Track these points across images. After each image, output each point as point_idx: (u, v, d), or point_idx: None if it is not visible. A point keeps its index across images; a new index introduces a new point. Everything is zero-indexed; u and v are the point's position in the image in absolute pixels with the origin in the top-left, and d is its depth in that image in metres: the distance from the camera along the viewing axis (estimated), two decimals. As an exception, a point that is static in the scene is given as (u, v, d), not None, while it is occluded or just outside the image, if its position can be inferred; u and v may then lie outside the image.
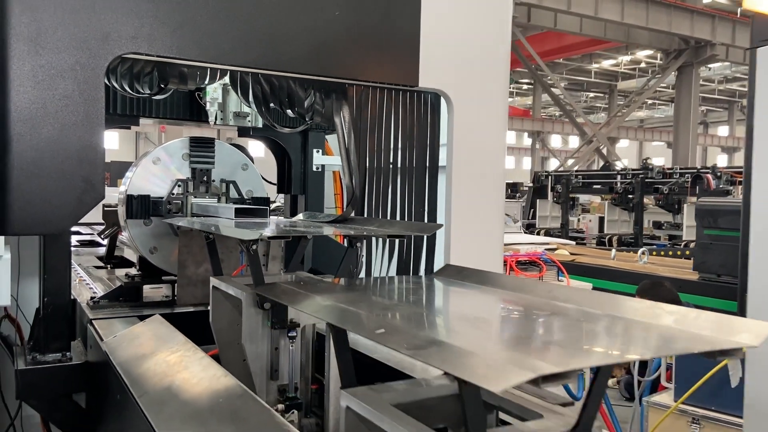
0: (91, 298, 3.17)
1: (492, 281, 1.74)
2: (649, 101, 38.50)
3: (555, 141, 43.84)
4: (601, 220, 13.84)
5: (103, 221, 4.49)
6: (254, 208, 2.78)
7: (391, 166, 2.57)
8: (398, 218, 2.61)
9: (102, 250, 4.94)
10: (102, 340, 2.51)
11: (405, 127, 2.61)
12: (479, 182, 2.75)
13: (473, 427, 1.06)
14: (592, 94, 39.78)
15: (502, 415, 1.43)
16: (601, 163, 21.87)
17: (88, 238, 6.15)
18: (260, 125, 3.30)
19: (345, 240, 2.17)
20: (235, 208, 2.64)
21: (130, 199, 2.98)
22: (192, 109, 3.15)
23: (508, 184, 24.96)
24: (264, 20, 2.22)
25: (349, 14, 2.37)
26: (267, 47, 2.23)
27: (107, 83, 2.30)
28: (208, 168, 3.15)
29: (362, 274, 2.63)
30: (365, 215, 2.50)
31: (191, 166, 3.14)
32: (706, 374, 2.71)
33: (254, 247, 1.92)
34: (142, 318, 2.80)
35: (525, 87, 37.34)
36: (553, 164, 36.81)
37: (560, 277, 4.11)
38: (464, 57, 2.64)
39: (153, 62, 2.18)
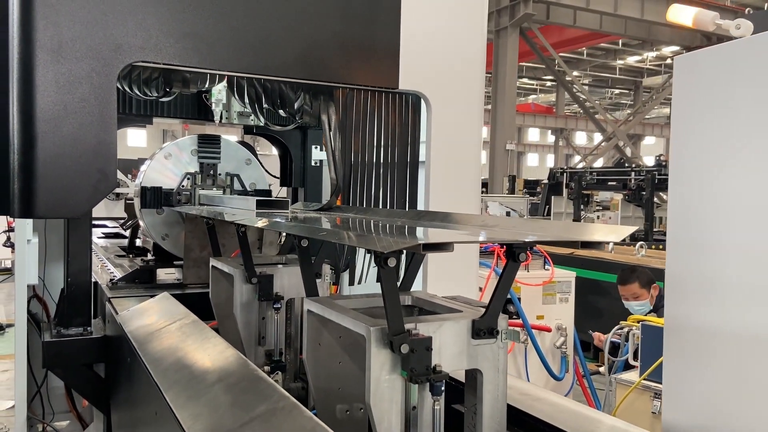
0: (110, 279, 3.51)
1: (441, 218, 2.01)
2: (675, 97, 37.89)
3: (580, 138, 43.53)
4: (618, 216, 13.91)
5: (125, 214, 4.85)
6: (276, 200, 2.74)
7: (374, 161, 2.84)
8: (381, 207, 2.88)
9: (126, 242, 5.29)
10: (117, 314, 2.84)
11: (387, 125, 2.88)
12: (456, 175, 3.01)
13: (389, 304, 1.34)
14: (617, 91, 39.43)
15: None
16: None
17: (114, 230, 6.55)
18: (262, 123, 3.61)
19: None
20: (257, 200, 2.63)
21: (144, 191, 3.31)
22: (200, 109, 3.47)
23: (528, 181, 25.01)
24: (257, 30, 2.51)
25: (334, 23, 2.65)
26: (259, 54, 2.53)
27: (120, 87, 2.62)
28: (215, 163, 3.47)
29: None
30: (350, 205, 2.78)
31: (199, 160, 3.47)
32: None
33: (243, 230, 2.23)
34: (154, 297, 3.13)
35: (548, 84, 37.18)
36: (576, 161, 36.60)
37: (546, 267, 4.36)
38: (441, 61, 2.90)
39: (159, 69, 2.49)
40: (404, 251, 1.57)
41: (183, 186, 3.38)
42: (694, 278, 1.88)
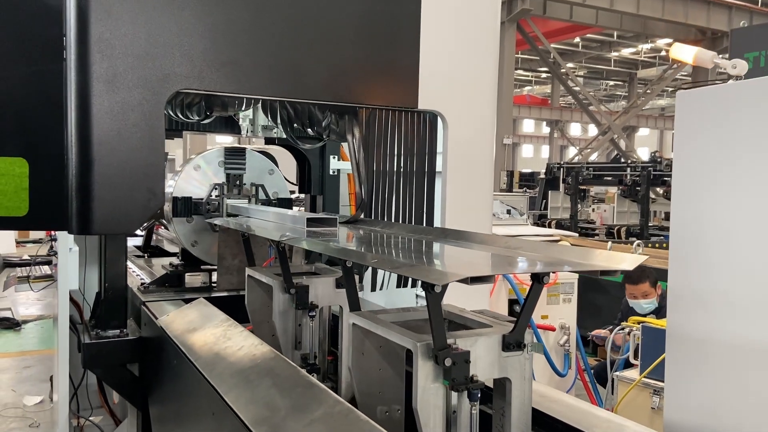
0: (142, 283, 3.72)
1: (465, 237, 2.23)
2: (670, 89, 38.33)
3: (574, 129, 43.79)
4: (613, 210, 14.21)
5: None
6: (326, 218, 2.72)
7: (395, 175, 3.06)
8: (401, 218, 3.10)
9: (133, 240, 5.40)
10: (156, 318, 3.05)
11: (407, 141, 3.09)
12: (470, 186, 3.23)
13: (435, 323, 1.55)
14: (612, 83, 39.68)
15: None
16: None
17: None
18: (284, 136, 3.82)
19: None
20: (308, 218, 2.64)
21: (175, 201, 3.52)
22: (226, 123, 3.67)
23: (524, 174, 25.22)
24: (289, 58, 2.72)
25: (359, 50, 2.86)
26: (291, 80, 2.74)
27: (165, 112, 2.82)
28: (240, 173, 3.67)
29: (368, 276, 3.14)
30: (373, 217, 3.00)
31: (226, 171, 3.67)
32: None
33: (282, 246, 2.44)
34: (186, 300, 3.34)
35: (544, 75, 37.37)
36: (571, 153, 36.88)
37: (550, 268, 4.56)
38: (457, 82, 3.11)
39: (201, 95, 2.69)
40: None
41: (211, 196, 3.59)
42: (693, 292, 2.11)
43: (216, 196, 3.61)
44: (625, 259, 1.62)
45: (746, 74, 2.31)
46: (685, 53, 2.23)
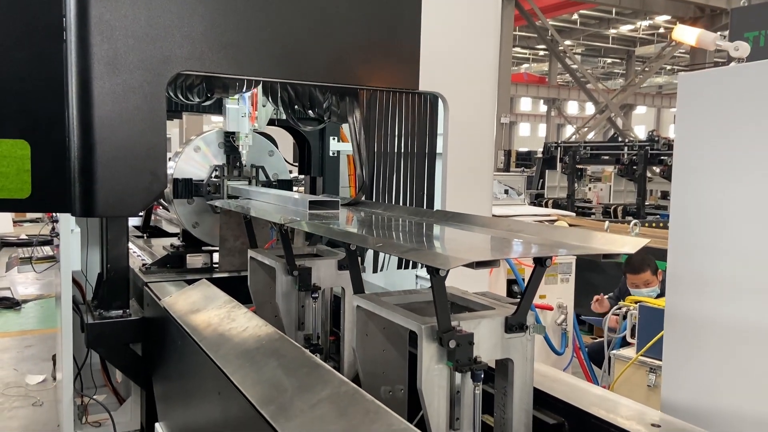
0: (143, 264, 3.74)
1: (467, 220, 2.25)
2: (668, 67, 38.13)
3: (572, 107, 43.65)
4: (610, 189, 14.25)
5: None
6: (328, 200, 2.73)
7: (395, 157, 3.06)
8: (401, 199, 3.12)
9: (132, 220, 5.40)
10: (159, 299, 3.08)
11: (408, 123, 3.09)
12: (470, 167, 3.24)
13: (439, 306, 1.58)
14: (609, 60, 39.46)
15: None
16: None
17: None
18: (283, 117, 3.81)
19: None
20: (310, 201, 2.66)
21: (176, 182, 3.52)
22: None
23: (521, 153, 25.19)
24: (290, 40, 2.71)
25: (360, 32, 2.84)
26: (292, 62, 2.73)
27: (166, 94, 2.81)
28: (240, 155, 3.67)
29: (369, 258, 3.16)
30: (373, 199, 3.01)
31: (225, 153, 3.67)
32: (662, 331, 3.20)
33: (285, 229, 2.45)
34: (188, 281, 3.37)
35: (541, 53, 37.14)
36: (569, 131, 36.81)
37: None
38: (457, 64, 3.11)
39: (202, 77, 2.69)
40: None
41: (212, 177, 3.59)
42: (692, 273, 2.14)
43: (216, 178, 3.61)
44: (628, 242, 1.64)
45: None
46: (688, 35, 2.23)
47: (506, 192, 8.09)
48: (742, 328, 1.98)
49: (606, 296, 4.68)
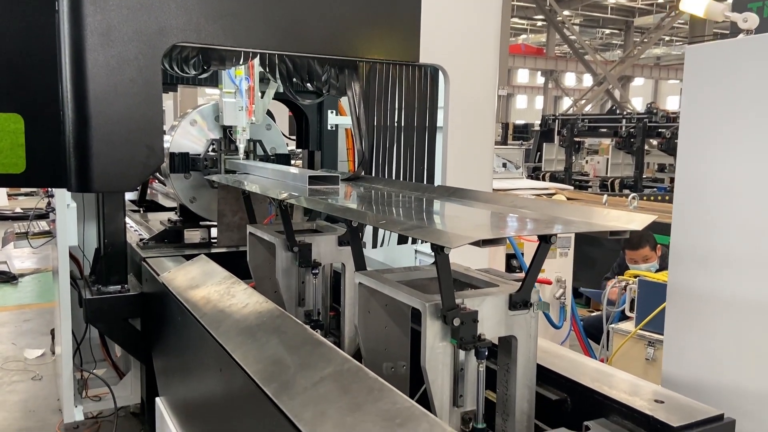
0: (141, 239, 3.71)
1: (469, 196, 2.23)
2: (666, 38, 37.74)
3: (569, 79, 43.28)
4: (607, 162, 14.20)
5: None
6: (327, 176, 2.71)
7: (395, 130, 3.02)
8: (401, 173, 3.08)
9: (128, 195, 5.35)
10: (158, 274, 3.06)
11: (408, 95, 3.04)
12: (471, 141, 3.20)
13: (444, 284, 1.57)
14: (608, 31, 39.02)
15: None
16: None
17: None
18: (281, 90, 3.75)
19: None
20: (309, 176, 2.64)
21: (172, 156, 3.47)
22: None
23: (518, 126, 25.06)
24: (287, 10, 2.64)
25: (359, 2, 2.77)
26: (290, 33, 2.66)
27: (162, 66, 2.75)
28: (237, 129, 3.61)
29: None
30: (373, 173, 2.98)
31: (222, 126, 3.62)
32: (661, 304, 3.19)
33: (285, 204, 2.42)
34: (186, 257, 3.35)
35: (539, 24, 36.69)
36: (566, 103, 36.54)
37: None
38: (458, 36, 3.05)
39: (198, 48, 2.62)
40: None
41: (209, 152, 3.55)
42: (696, 247, 2.13)
43: (213, 152, 3.57)
44: (635, 219, 1.62)
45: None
46: (696, 6, 2.18)
47: (504, 165, 8.05)
48: (745, 302, 1.97)
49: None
